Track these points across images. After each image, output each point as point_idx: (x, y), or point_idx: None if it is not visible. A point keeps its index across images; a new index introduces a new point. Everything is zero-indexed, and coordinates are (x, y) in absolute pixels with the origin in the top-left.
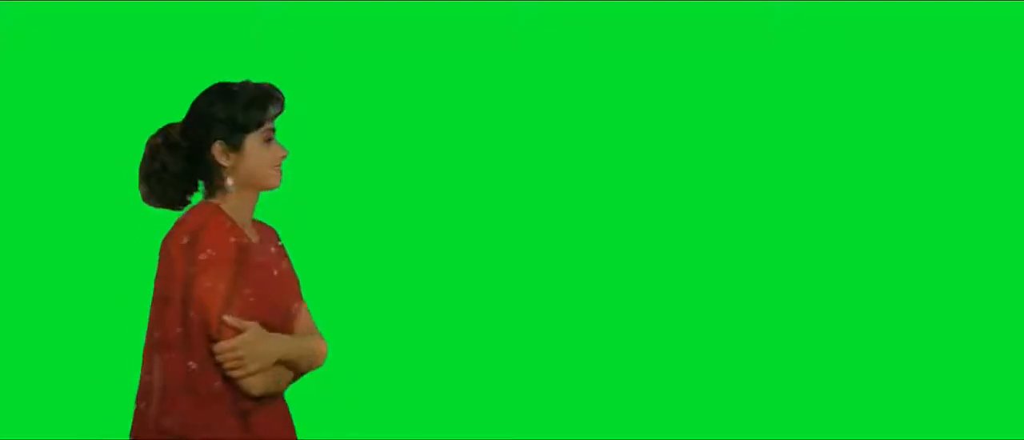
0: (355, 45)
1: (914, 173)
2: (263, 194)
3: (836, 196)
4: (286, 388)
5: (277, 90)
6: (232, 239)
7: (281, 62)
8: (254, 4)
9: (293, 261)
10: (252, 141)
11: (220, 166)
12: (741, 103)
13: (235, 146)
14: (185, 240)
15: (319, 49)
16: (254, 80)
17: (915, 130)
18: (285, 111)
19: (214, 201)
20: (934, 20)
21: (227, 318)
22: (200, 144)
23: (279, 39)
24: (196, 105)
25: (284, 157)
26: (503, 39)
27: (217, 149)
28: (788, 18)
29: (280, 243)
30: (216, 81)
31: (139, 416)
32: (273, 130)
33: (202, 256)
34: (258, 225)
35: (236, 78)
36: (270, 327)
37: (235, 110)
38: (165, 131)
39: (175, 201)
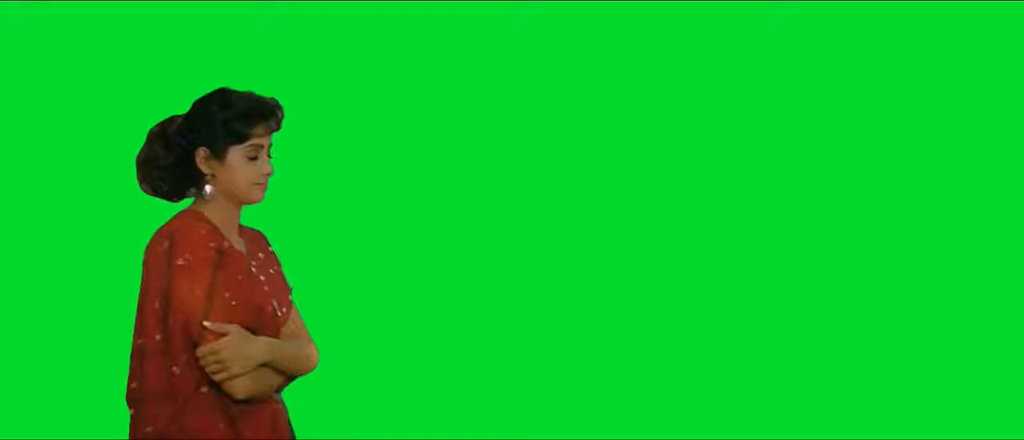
0: (353, 46)
1: (914, 173)
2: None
3: (836, 196)
4: (276, 392)
5: (276, 109)
6: (211, 244)
7: (280, 62)
8: (257, 4)
9: (289, 263)
10: (235, 153)
11: (202, 172)
12: (741, 103)
13: (218, 155)
14: (164, 246)
15: (318, 50)
16: (261, 88)
17: (915, 130)
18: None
19: (197, 206)
20: (934, 20)
21: (207, 323)
22: (189, 145)
23: (279, 39)
24: (194, 105)
25: (268, 175)
26: (501, 40)
27: (200, 155)
28: (788, 18)
29: (270, 248)
30: (218, 83)
31: (132, 421)
32: (262, 146)
33: (179, 261)
34: (246, 230)
35: (241, 82)
36: (253, 331)
37: (224, 119)
38: (165, 122)
39: (167, 193)
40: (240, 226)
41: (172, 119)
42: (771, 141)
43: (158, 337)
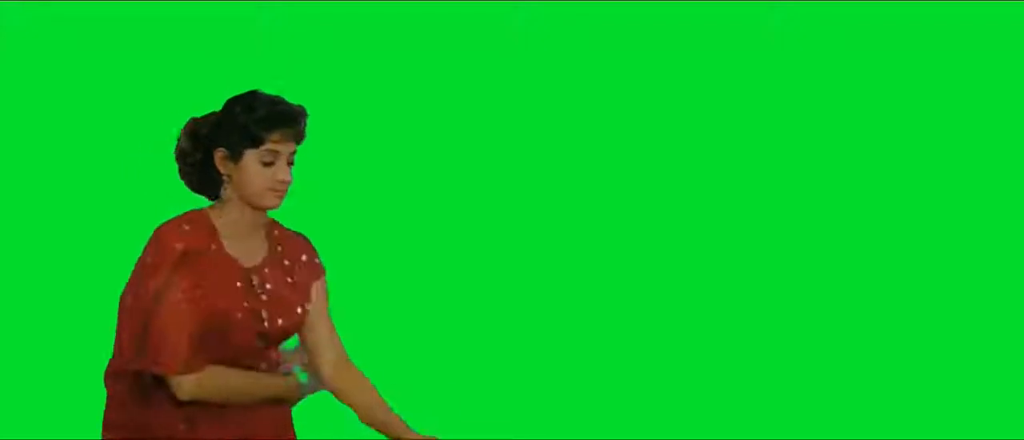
0: (353, 46)
1: (914, 173)
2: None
3: (836, 197)
4: (236, 402)
5: (297, 118)
6: (177, 244)
7: (280, 62)
8: (257, 4)
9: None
10: (251, 157)
11: (220, 173)
12: (741, 103)
13: (234, 157)
14: (149, 244)
15: (318, 50)
16: (259, 88)
17: (915, 130)
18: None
19: (206, 207)
20: (934, 20)
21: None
22: (211, 144)
23: (279, 39)
24: (224, 104)
25: (284, 183)
26: (501, 40)
27: (219, 155)
28: (788, 18)
29: (303, 257)
30: (217, 84)
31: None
32: (279, 153)
33: (147, 259)
34: (284, 235)
35: (241, 82)
36: (214, 335)
37: (243, 122)
38: (201, 118)
39: (198, 189)
40: (280, 230)
41: (208, 116)
42: (771, 141)
43: (126, 333)
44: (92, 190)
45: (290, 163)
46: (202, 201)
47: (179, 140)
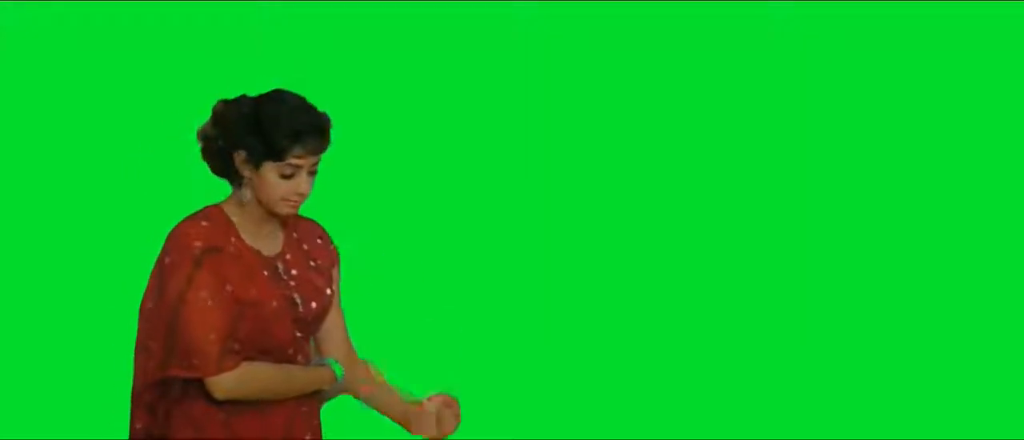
0: (353, 46)
1: (914, 173)
2: None
3: (837, 197)
4: (273, 397)
5: (322, 132)
6: (197, 242)
7: (280, 62)
8: (257, 4)
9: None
10: (270, 168)
11: (240, 173)
12: (741, 103)
13: (254, 163)
14: (166, 245)
15: (318, 50)
16: (259, 87)
17: (915, 130)
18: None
19: (221, 202)
20: (934, 20)
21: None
22: (232, 144)
23: (279, 39)
24: (248, 103)
25: (302, 195)
26: (501, 40)
27: (238, 157)
28: (788, 18)
29: (318, 241)
30: (218, 83)
31: (131, 418)
32: (300, 166)
33: (167, 260)
34: (294, 222)
35: (242, 81)
36: (252, 331)
37: (265, 134)
38: (233, 103)
39: (220, 173)
40: (295, 217)
41: (240, 101)
42: (771, 141)
43: (153, 341)
44: (92, 191)
45: (312, 173)
46: (219, 183)
47: (209, 123)
